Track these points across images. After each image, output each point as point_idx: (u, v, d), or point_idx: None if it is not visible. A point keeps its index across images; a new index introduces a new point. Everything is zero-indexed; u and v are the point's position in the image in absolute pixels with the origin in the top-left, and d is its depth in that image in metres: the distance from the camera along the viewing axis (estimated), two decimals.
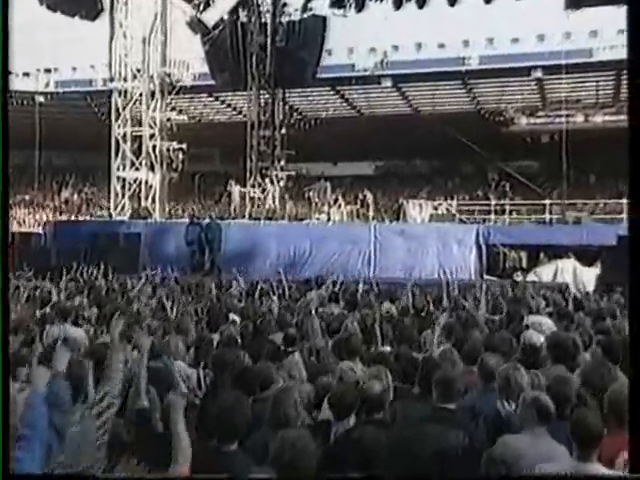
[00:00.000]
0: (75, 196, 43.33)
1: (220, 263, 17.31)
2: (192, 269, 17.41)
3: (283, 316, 7.97)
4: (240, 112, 33.61)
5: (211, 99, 34.59)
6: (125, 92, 21.87)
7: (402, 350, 5.89)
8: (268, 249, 18.47)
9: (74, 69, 34.79)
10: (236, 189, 22.79)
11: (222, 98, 34.60)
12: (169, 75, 22.10)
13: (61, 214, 40.62)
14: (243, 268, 16.86)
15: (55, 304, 8.14)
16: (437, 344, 6.29)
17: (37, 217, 39.41)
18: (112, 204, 21.93)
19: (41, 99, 33.32)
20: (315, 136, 36.53)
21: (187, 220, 18.74)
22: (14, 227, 33.97)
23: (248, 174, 25.06)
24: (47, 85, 34.53)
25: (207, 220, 18.19)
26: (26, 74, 33.92)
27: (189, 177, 31.04)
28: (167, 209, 23.04)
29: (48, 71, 34.64)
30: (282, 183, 25.04)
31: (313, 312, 8.12)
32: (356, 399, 4.25)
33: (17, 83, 32.00)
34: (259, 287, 12.06)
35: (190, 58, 23.12)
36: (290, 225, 20.24)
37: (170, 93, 22.52)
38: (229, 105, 35.43)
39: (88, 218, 26.54)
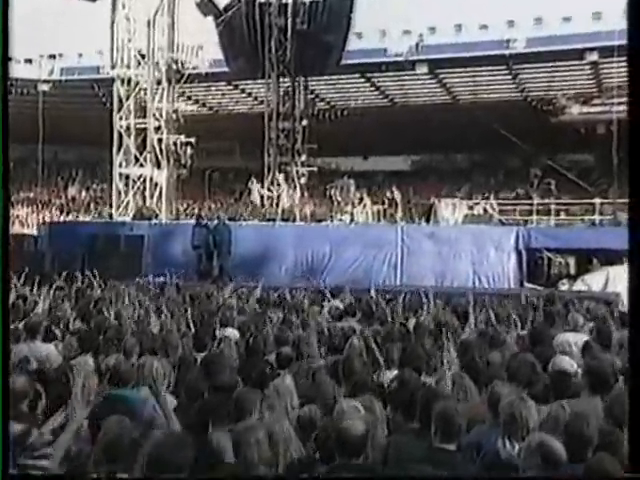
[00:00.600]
0: (83, 193, 43.71)
1: (229, 269, 17.31)
2: (199, 275, 17.47)
3: (281, 332, 7.75)
4: (260, 102, 33.56)
5: (225, 88, 34.59)
6: (128, 80, 21.83)
7: (407, 374, 5.59)
8: (284, 253, 18.50)
9: (80, 55, 34.90)
10: (256, 187, 22.76)
11: (239, 87, 34.60)
12: (176, 61, 22.04)
13: (67, 213, 41.00)
14: (256, 274, 17.02)
15: (29, 318, 8.01)
16: (449, 367, 6.02)
17: (41, 216, 39.77)
18: (114, 203, 21.99)
19: (45, 87, 33.42)
20: (343, 128, 36.41)
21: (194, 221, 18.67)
22: (15, 228, 34.31)
23: (266, 170, 25.01)
24: (51, 72, 34.70)
25: (215, 221, 18.15)
26: (28, 61, 34.09)
27: (200, 173, 31.06)
28: (175, 209, 23.02)
29: (52, 57, 34.76)
30: (303, 180, 24.89)
31: (312, 327, 7.89)
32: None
33: (18, 70, 32.26)
34: (268, 296, 11.92)
35: (200, 42, 23.07)
36: (308, 227, 20.18)
37: (178, 81, 22.42)
38: (246, 94, 35.44)
39: (87, 219, 26.55)
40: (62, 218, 39.13)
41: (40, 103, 29.23)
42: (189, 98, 36.20)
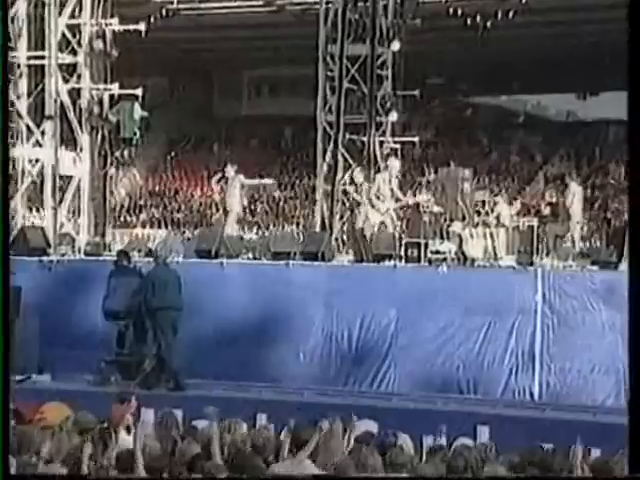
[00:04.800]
0: None
1: (176, 363, 17.15)
2: (121, 375, 17.45)
3: None
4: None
5: None
6: None
7: None
8: (305, 324, 18.66)
9: None
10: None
11: None
12: None
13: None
14: (238, 372, 17.62)
15: None
16: None
17: None
18: None
19: None
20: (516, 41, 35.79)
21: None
22: None
23: (319, 143, 25.37)
24: None
25: (151, 262, 18.07)
26: None
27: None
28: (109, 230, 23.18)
29: None
30: (395, 164, 24.07)
31: None
32: None
33: None
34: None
35: None
36: (356, 269, 19.99)
37: None
38: None
39: None
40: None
41: None
42: None
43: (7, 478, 5.67)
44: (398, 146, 25.10)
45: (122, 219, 38.93)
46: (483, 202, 21.53)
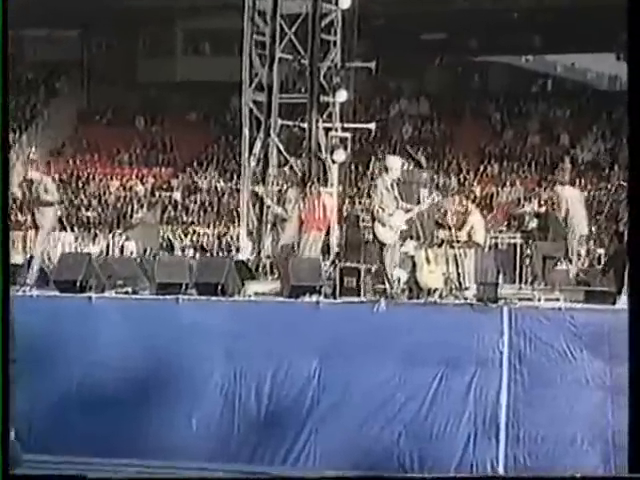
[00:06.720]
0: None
1: (10, 434, 16.71)
2: None
3: None
4: None
5: None
6: None
7: None
8: (198, 380, 18.71)
9: None
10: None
11: None
12: None
13: None
14: (100, 448, 17.62)
15: None
16: None
17: None
18: None
19: None
20: None
21: None
22: None
23: (246, 132, 25.36)
24: None
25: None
26: None
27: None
28: None
29: None
30: (395, 164, 23.30)
31: None
32: None
33: None
34: None
35: None
36: (269, 306, 19.97)
37: None
38: None
39: None
40: None
41: None
42: None
43: (7, 478, 7.47)
44: (348, 135, 24.94)
45: (12, 218, 38.86)
46: (445, 213, 21.59)
